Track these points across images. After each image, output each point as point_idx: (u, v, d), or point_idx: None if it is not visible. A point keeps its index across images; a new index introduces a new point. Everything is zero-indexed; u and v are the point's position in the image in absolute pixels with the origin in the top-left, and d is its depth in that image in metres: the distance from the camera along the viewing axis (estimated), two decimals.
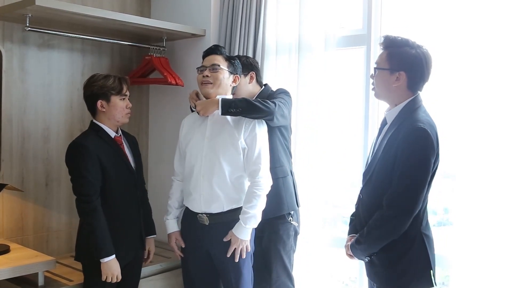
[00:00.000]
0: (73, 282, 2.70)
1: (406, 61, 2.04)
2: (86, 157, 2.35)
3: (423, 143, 1.96)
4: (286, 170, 2.71)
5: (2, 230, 2.94)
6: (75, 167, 2.37)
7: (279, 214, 2.66)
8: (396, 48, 2.07)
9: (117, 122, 2.49)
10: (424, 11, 2.65)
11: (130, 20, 2.93)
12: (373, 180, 2.11)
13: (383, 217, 2.02)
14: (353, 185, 3.14)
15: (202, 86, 2.48)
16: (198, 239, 2.49)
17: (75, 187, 2.37)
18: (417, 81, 2.07)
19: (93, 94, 2.44)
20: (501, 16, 2.35)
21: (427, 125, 1.98)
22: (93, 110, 2.49)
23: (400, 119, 2.05)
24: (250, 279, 2.49)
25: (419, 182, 1.97)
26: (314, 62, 2.91)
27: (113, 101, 2.45)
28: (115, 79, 2.46)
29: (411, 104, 2.07)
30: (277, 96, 2.62)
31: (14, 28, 2.93)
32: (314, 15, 2.89)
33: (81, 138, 2.47)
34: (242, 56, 2.79)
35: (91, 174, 2.34)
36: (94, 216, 2.33)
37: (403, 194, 1.98)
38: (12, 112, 2.95)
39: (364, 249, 2.10)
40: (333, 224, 3.06)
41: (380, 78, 2.11)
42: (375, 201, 2.07)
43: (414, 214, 1.99)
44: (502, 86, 2.36)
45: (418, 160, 1.97)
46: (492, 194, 2.37)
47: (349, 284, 3.25)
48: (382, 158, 2.07)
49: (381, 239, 2.05)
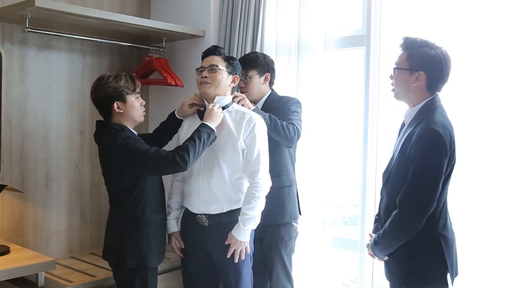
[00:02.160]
0: (73, 283, 2.70)
1: (426, 61, 2.07)
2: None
3: (434, 144, 1.98)
4: (292, 179, 2.74)
5: (2, 231, 2.94)
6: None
7: (281, 222, 2.69)
8: (416, 48, 2.10)
9: (135, 122, 2.43)
10: (423, 12, 2.66)
11: (130, 21, 2.93)
12: (390, 181, 2.15)
13: (396, 217, 2.05)
14: (353, 185, 3.15)
15: (201, 86, 2.48)
16: (197, 240, 2.49)
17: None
18: (436, 81, 2.10)
19: (107, 96, 2.33)
20: (501, 16, 2.35)
21: (440, 127, 2.00)
22: (108, 113, 2.38)
23: (417, 120, 2.08)
24: (250, 280, 2.49)
25: (430, 182, 1.99)
26: (313, 62, 2.91)
27: (129, 100, 2.37)
28: (126, 78, 2.38)
29: (428, 104, 2.09)
30: (292, 109, 2.66)
31: (14, 29, 2.93)
32: (313, 16, 2.89)
33: (123, 135, 2.32)
34: (261, 55, 2.79)
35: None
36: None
37: (414, 194, 2.00)
38: (12, 113, 2.95)
39: (382, 249, 2.14)
40: (333, 225, 3.06)
41: (399, 78, 2.14)
42: (393, 201, 2.09)
43: (427, 214, 2.00)
44: (502, 86, 2.36)
45: (429, 161, 1.98)
46: (492, 194, 2.38)
47: (349, 284, 3.26)
48: (399, 158, 2.10)
49: (396, 239, 2.07)
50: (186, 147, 2.28)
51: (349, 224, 3.26)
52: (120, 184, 2.37)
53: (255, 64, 2.71)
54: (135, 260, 2.36)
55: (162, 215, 2.47)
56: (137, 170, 2.32)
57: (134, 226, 2.37)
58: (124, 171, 2.34)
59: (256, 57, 2.74)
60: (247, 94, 2.69)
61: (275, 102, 2.73)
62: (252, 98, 2.73)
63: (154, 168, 2.32)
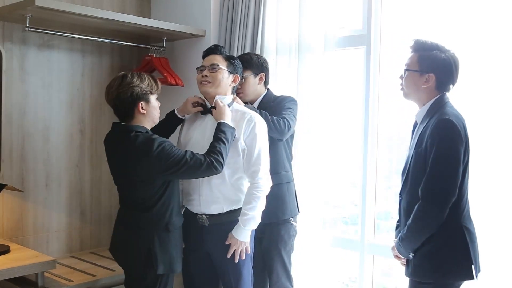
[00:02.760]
0: (73, 282, 2.70)
1: (436, 64, 2.12)
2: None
3: (449, 133, 2.02)
4: (290, 176, 2.75)
5: (2, 230, 2.94)
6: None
7: (282, 219, 2.69)
8: (426, 51, 2.15)
9: (153, 124, 2.39)
10: (424, 12, 2.66)
11: (130, 20, 2.93)
12: (409, 178, 2.16)
13: (419, 209, 2.06)
14: (353, 185, 3.15)
15: (201, 85, 2.48)
16: (198, 240, 2.49)
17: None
18: (446, 83, 2.15)
19: (133, 95, 2.26)
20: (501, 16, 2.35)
21: (453, 117, 2.05)
22: (130, 113, 2.30)
23: (429, 116, 2.12)
24: (250, 280, 2.49)
25: (449, 172, 2.01)
26: (314, 62, 2.90)
27: (152, 101, 2.33)
28: (149, 78, 2.33)
29: (438, 100, 2.14)
30: (287, 106, 2.67)
31: (14, 29, 2.93)
32: (314, 16, 2.89)
33: (157, 139, 2.26)
34: (254, 55, 2.79)
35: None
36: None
37: (435, 185, 2.02)
38: (12, 112, 2.95)
39: (407, 245, 2.12)
40: (333, 225, 3.06)
41: (410, 79, 2.18)
42: (414, 198, 2.10)
43: (449, 204, 2.01)
44: (503, 86, 2.36)
45: (446, 150, 2.01)
46: (492, 194, 2.38)
47: (349, 284, 3.26)
48: (415, 154, 2.13)
49: (420, 232, 2.07)
50: (219, 150, 2.27)
51: (349, 224, 3.25)
52: (152, 190, 2.30)
53: (249, 64, 2.71)
54: (165, 266, 2.31)
55: (182, 218, 2.45)
56: (174, 175, 2.27)
57: (164, 232, 2.32)
58: (159, 177, 2.27)
59: (250, 57, 2.74)
60: (242, 95, 2.70)
61: (270, 101, 2.74)
62: (249, 98, 2.74)
63: (193, 173, 2.28)
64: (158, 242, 2.30)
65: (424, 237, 2.07)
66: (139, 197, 2.32)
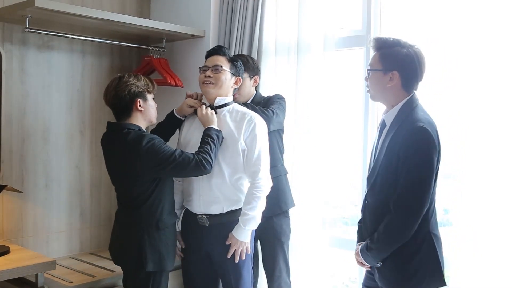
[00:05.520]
0: (73, 283, 2.70)
1: (398, 60, 2.06)
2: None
3: (425, 143, 1.96)
4: (285, 168, 2.81)
5: (2, 231, 2.94)
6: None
7: (284, 210, 2.75)
8: (387, 48, 2.09)
9: (150, 123, 2.45)
10: (423, 12, 2.66)
11: (130, 21, 2.93)
12: (377, 184, 2.11)
13: (392, 220, 2.02)
14: (353, 185, 3.15)
15: (204, 85, 2.47)
16: (198, 240, 2.49)
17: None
18: (411, 80, 2.08)
19: (131, 93, 2.33)
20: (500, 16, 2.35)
21: (427, 124, 1.99)
22: (127, 111, 2.36)
23: (399, 120, 2.05)
24: (250, 280, 2.49)
25: (424, 182, 1.97)
26: (313, 62, 2.91)
27: (149, 99, 2.41)
28: (145, 78, 2.41)
29: (408, 104, 2.07)
30: (275, 101, 2.72)
31: (14, 29, 2.93)
32: (313, 16, 2.89)
33: (147, 136, 2.32)
34: (250, 58, 2.82)
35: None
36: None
37: (409, 195, 1.98)
38: (12, 113, 2.95)
39: (376, 255, 2.09)
40: (333, 225, 3.06)
41: (374, 79, 2.13)
42: (381, 204, 2.07)
43: (422, 214, 1.99)
44: (503, 86, 2.36)
45: (421, 160, 1.97)
46: (492, 194, 2.38)
47: (349, 284, 3.26)
48: (385, 160, 2.06)
49: (392, 242, 2.04)
50: (207, 150, 2.29)
51: (349, 224, 3.25)
52: (142, 186, 2.33)
53: (247, 67, 2.72)
54: (155, 263, 2.34)
55: (176, 217, 2.48)
56: (162, 172, 2.30)
57: (154, 229, 2.35)
58: (148, 173, 2.31)
59: (246, 60, 2.76)
60: (239, 96, 2.72)
61: (260, 101, 2.78)
62: (243, 99, 2.76)
63: (181, 171, 2.32)
64: (147, 239, 2.34)
65: (395, 247, 2.04)
66: (131, 194, 2.38)
